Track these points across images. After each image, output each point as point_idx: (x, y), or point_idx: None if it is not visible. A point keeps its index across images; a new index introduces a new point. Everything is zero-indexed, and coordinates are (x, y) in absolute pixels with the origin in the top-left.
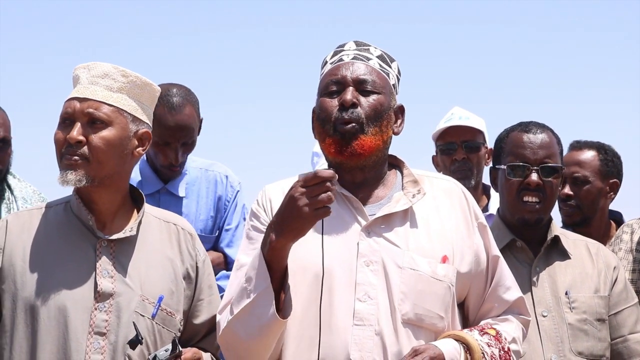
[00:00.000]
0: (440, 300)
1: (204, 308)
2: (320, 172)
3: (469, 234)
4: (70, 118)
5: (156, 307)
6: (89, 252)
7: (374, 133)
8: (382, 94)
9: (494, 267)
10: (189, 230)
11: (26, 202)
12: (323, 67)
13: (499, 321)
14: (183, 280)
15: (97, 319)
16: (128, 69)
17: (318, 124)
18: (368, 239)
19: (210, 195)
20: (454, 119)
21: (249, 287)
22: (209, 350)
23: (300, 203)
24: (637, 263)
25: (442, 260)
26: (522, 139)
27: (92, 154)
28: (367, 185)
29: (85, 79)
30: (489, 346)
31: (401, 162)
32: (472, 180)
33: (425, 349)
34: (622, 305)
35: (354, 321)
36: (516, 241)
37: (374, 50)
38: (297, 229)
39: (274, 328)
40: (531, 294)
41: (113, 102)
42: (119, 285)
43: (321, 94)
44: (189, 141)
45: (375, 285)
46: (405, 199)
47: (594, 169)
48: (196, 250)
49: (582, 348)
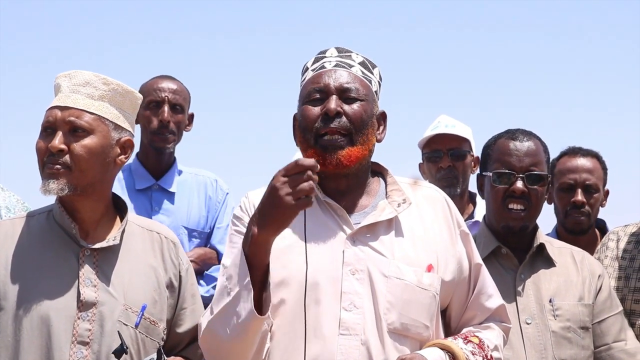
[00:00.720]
0: (425, 309)
1: (186, 317)
2: (302, 161)
3: (452, 242)
4: (52, 127)
5: (139, 316)
6: (72, 261)
7: (362, 143)
8: (365, 101)
9: (476, 275)
10: (172, 239)
11: (10, 211)
12: (304, 73)
13: (481, 329)
14: (166, 289)
15: (80, 329)
16: (110, 77)
17: (299, 133)
18: (353, 248)
19: (202, 195)
20: (440, 127)
21: (229, 285)
22: (192, 359)
23: (281, 192)
24: (622, 270)
25: (427, 269)
26: (509, 146)
27: (74, 163)
28: (350, 193)
29: (67, 87)
30: (473, 354)
31: (384, 169)
32: (457, 188)
33: (411, 358)
34: (606, 314)
35: (339, 330)
36: (501, 248)
37: (356, 56)
38: (279, 220)
39: (253, 326)
40: (515, 301)
41: (94, 110)
42: (102, 294)
43: (303, 102)
44: (178, 105)
45: (361, 294)
46: (390, 208)
47: (599, 177)
48: (179, 259)
49: (565, 355)
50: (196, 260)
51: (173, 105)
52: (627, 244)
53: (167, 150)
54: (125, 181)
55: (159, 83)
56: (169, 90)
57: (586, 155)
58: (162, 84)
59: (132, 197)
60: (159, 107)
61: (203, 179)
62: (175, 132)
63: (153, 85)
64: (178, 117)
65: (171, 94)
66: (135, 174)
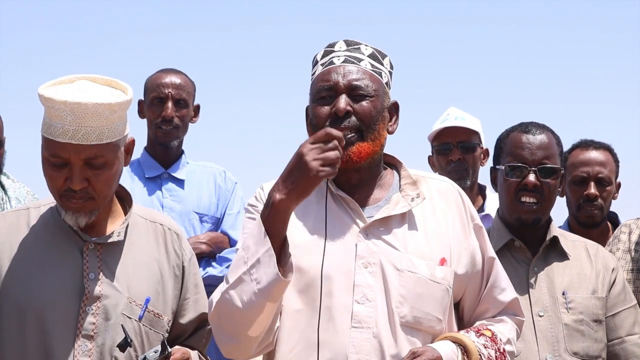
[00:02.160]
0: (438, 303)
1: (190, 307)
2: (330, 130)
3: (465, 235)
4: (65, 162)
5: (143, 309)
6: (76, 255)
7: (372, 139)
8: (375, 97)
9: (489, 268)
10: (176, 230)
11: (20, 202)
12: (314, 66)
13: (494, 322)
14: (170, 280)
15: (85, 322)
16: (114, 100)
17: (311, 131)
18: (366, 241)
19: (211, 184)
20: (449, 120)
21: (247, 254)
22: (196, 348)
23: (308, 158)
24: (635, 263)
25: (440, 262)
26: (521, 139)
27: (97, 193)
28: (363, 187)
29: (71, 120)
30: (485, 348)
31: (399, 162)
32: (467, 180)
33: (424, 351)
34: (619, 307)
35: (352, 323)
36: (515, 241)
37: (365, 49)
38: (302, 186)
39: (276, 290)
40: (528, 293)
41: (107, 140)
42: (106, 288)
43: (313, 100)
44: (182, 100)
45: (373, 287)
46: (403, 202)
47: (612, 170)
48: (182, 249)
49: (578, 348)
50: (209, 242)
51: (177, 101)
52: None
53: (173, 145)
54: (135, 172)
55: (163, 78)
56: (172, 86)
57: (598, 148)
58: (165, 79)
59: (142, 184)
60: (163, 104)
61: (212, 170)
62: (179, 126)
63: (156, 81)
64: (182, 112)
65: (174, 89)
66: (144, 165)
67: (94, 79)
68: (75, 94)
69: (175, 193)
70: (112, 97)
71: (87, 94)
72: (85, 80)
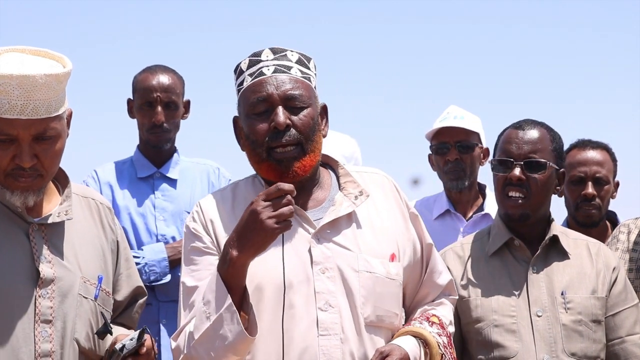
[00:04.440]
0: (395, 298)
1: (123, 282)
2: (282, 186)
3: (407, 226)
4: (12, 139)
5: (97, 288)
6: (22, 238)
7: (312, 150)
8: (310, 107)
9: (428, 254)
10: (107, 204)
11: None
12: (239, 76)
13: (435, 306)
14: (109, 256)
15: (42, 307)
16: (61, 71)
17: (249, 146)
18: (319, 246)
19: (204, 182)
20: (448, 119)
21: (208, 310)
22: (127, 324)
23: (263, 217)
24: (633, 262)
25: (390, 258)
26: (511, 135)
27: (46, 170)
28: (304, 190)
29: (18, 94)
30: (439, 336)
31: (334, 161)
32: (465, 180)
33: (391, 350)
34: (620, 307)
35: (319, 332)
36: (514, 240)
37: (291, 55)
38: (258, 243)
39: (242, 347)
40: (527, 293)
41: (55, 112)
42: (58, 269)
43: (248, 114)
44: (172, 103)
45: (334, 292)
46: (347, 201)
47: (609, 169)
48: (115, 224)
49: (576, 349)
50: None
51: (166, 104)
52: (638, 237)
53: (166, 147)
54: (127, 171)
55: (150, 80)
56: (160, 89)
57: (596, 148)
58: (153, 81)
59: (134, 185)
60: (152, 108)
61: (205, 167)
62: (170, 129)
63: (144, 84)
64: (173, 114)
65: (163, 92)
66: (137, 164)
67: (22, 50)
68: (19, 67)
69: (168, 193)
70: (57, 68)
71: (32, 66)
72: (15, 53)
